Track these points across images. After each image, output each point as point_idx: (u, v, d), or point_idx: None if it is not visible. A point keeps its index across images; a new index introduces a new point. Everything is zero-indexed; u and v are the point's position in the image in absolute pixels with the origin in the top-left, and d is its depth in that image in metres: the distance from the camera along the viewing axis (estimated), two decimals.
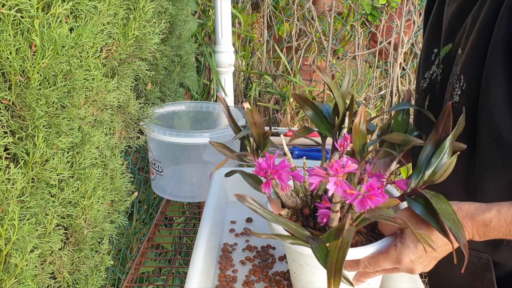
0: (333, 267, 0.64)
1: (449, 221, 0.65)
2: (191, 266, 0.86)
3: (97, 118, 0.99)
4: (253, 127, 0.82)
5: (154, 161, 1.40)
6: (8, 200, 0.72)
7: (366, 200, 0.65)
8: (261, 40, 2.58)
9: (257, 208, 0.73)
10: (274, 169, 0.72)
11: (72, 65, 0.81)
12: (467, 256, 0.64)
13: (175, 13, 1.50)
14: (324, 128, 0.86)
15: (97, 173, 0.94)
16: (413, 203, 0.70)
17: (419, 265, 0.71)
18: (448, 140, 0.71)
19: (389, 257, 0.71)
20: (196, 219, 1.54)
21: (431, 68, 0.94)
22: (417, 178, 0.72)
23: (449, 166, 0.71)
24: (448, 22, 0.90)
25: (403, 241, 0.71)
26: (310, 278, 0.80)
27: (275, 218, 0.74)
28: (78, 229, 0.94)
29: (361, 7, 2.46)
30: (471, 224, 0.69)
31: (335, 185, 0.65)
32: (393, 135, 0.80)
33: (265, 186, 0.72)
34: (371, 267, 0.73)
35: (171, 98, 1.60)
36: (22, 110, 0.75)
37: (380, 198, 0.65)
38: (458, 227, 0.65)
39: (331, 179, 0.66)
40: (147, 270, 1.70)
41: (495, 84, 0.76)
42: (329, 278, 0.64)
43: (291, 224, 0.73)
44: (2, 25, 0.68)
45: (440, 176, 0.71)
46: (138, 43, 1.07)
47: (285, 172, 0.72)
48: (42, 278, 0.85)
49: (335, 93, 0.82)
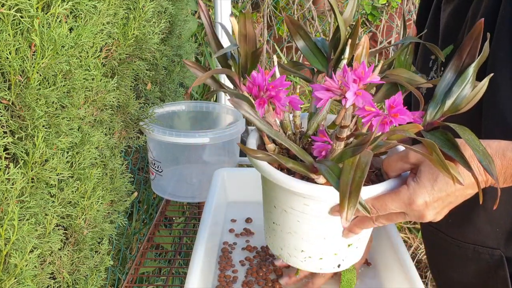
0: (348, 187, 0.54)
1: (479, 153, 0.55)
2: (191, 266, 0.86)
3: (97, 118, 0.98)
4: (242, 41, 0.67)
5: (154, 161, 1.40)
6: (7, 200, 0.72)
7: (389, 118, 0.53)
8: (261, 40, 2.58)
9: (255, 119, 0.60)
10: (271, 84, 0.59)
11: (71, 65, 0.81)
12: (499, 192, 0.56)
13: (175, 13, 1.50)
14: (317, 62, 0.74)
15: (97, 173, 0.94)
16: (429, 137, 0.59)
17: (432, 210, 0.62)
18: (472, 67, 0.61)
19: (400, 198, 0.62)
20: (196, 219, 1.54)
21: (429, 74, 0.93)
22: (435, 109, 0.62)
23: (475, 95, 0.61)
24: (445, 24, 0.90)
25: (418, 180, 0.62)
26: (294, 227, 0.69)
27: (276, 133, 0.61)
28: (78, 229, 0.94)
29: (361, 7, 2.46)
30: (500, 162, 0.61)
31: (355, 96, 0.52)
32: (396, 71, 0.70)
33: (259, 105, 0.59)
34: (375, 210, 0.64)
35: (171, 98, 1.60)
36: (21, 110, 0.75)
37: (406, 116, 0.53)
38: (489, 160, 0.56)
39: (352, 86, 0.52)
40: (147, 270, 1.70)
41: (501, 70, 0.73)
42: (343, 199, 0.54)
43: (293, 144, 0.61)
44: (2, 25, 0.68)
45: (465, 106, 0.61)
46: (138, 43, 1.07)
47: (283, 92, 0.59)
48: (41, 278, 0.85)
49: (338, 17, 0.68)
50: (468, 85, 0.62)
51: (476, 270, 0.89)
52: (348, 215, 0.54)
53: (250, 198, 1.14)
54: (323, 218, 0.65)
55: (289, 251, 0.72)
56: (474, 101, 0.63)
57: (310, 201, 0.65)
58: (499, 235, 0.84)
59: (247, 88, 0.61)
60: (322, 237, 0.68)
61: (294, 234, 0.70)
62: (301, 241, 0.70)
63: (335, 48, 0.71)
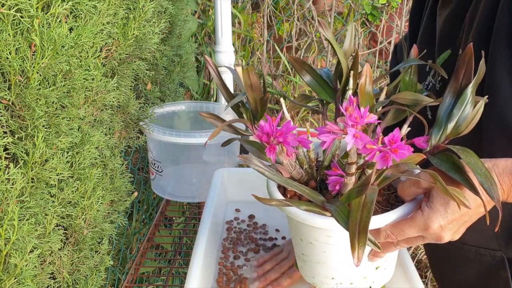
0: (357, 227, 0.57)
1: (481, 176, 0.57)
2: (191, 266, 0.86)
3: (97, 118, 0.98)
4: (249, 90, 0.72)
5: (154, 161, 1.40)
6: (7, 200, 0.72)
7: (390, 154, 0.56)
8: (261, 40, 2.58)
9: (265, 170, 0.64)
10: (278, 132, 0.63)
11: (71, 65, 0.81)
12: (501, 213, 0.58)
13: (175, 13, 1.50)
14: (325, 93, 0.77)
15: (97, 173, 0.94)
16: (437, 161, 0.62)
17: (449, 232, 0.64)
18: (470, 88, 0.63)
19: (416, 223, 0.64)
20: (196, 219, 1.54)
21: (427, 79, 0.93)
22: (439, 133, 0.64)
23: (474, 117, 0.62)
24: (441, 29, 0.89)
25: (431, 205, 0.63)
26: (321, 257, 0.72)
27: (286, 181, 0.65)
28: (78, 229, 0.94)
29: (361, 7, 2.46)
30: (508, 181, 0.62)
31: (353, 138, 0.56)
32: (402, 94, 0.72)
33: (270, 151, 0.63)
34: (393, 236, 0.65)
35: (171, 98, 1.60)
36: (21, 110, 0.75)
37: (406, 151, 0.56)
38: (491, 182, 0.57)
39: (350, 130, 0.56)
40: (147, 270, 1.70)
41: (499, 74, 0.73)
42: (353, 239, 0.57)
43: (304, 188, 0.65)
44: (2, 25, 0.68)
45: (465, 128, 0.63)
46: (138, 43, 1.07)
47: (291, 136, 0.63)
48: (41, 278, 0.85)
49: (338, 51, 0.72)
50: (468, 106, 0.63)
51: (478, 272, 0.89)
52: (360, 254, 0.56)
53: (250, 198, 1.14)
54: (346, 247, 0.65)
55: (321, 279, 0.75)
56: (473, 123, 0.64)
57: (332, 232, 0.67)
58: (500, 237, 0.84)
59: (257, 136, 0.66)
60: (349, 264, 0.71)
61: (322, 264, 0.73)
62: (330, 270, 0.73)
63: (340, 78, 0.74)
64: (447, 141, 0.64)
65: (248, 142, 0.72)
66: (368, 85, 0.68)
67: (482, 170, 0.59)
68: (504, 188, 0.63)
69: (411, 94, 0.72)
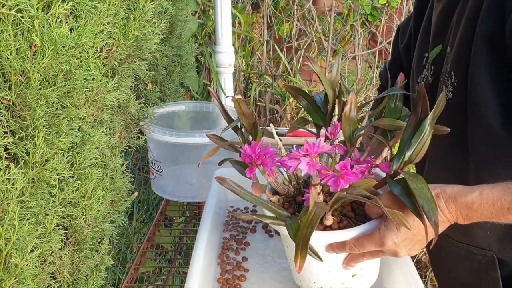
0: (301, 240, 0.66)
1: (423, 199, 0.65)
2: (191, 266, 0.86)
3: (97, 118, 0.99)
4: (242, 117, 0.82)
5: (154, 161, 1.40)
6: (8, 200, 0.72)
7: (339, 179, 0.67)
8: (261, 40, 2.58)
9: (236, 189, 0.75)
10: (258, 155, 0.73)
11: (72, 65, 0.81)
12: (436, 236, 0.64)
13: (175, 13, 1.50)
14: (317, 117, 0.87)
15: (97, 173, 0.95)
16: (393, 184, 0.70)
17: (403, 248, 0.71)
18: (428, 119, 0.69)
19: (373, 239, 0.71)
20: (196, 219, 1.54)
21: (423, 72, 0.95)
22: (399, 160, 0.71)
23: (423, 145, 0.70)
24: (435, 23, 0.91)
25: (387, 224, 0.71)
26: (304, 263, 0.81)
27: (254, 199, 0.74)
28: (78, 229, 0.94)
29: (361, 7, 2.46)
30: (454, 206, 0.68)
31: (307, 166, 0.68)
32: (382, 120, 0.80)
33: (249, 171, 0.73)
34: (356, 249, 0.73)
35: (171, 98, 1.60)
36: (22, 110, 0.75)
37: (352, 177, 0.67)
38: (431, 206, 0.64)
39: (303, 159, 0.68)
40: (147, 270, 1.70)
41: (480, 75, 0.77)
42: (297, 251, 0.66)
43: (270, 205, 0.75)
44: (2, 25, 0.68)
45: (416, 156, 0.71)
46: (138, 43, 1.07)
47: (270, 158, 0.73)
48: (42, 278, 0.85)
49: (324, 81, 0.83)
50: (426, 135, 0.70)
51: (469, 270, 0.90)
52: (301, 263, 0.66)
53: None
54: (326, 256, 0.76)
55: (305, 282, 0.83)
56: (422, 153, 0.71)
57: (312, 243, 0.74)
58: (490, 238, 0.85)
59: (241, 158, 0.75)
60: (327, 271, 0.79)
61: (305, 270, 0.78)
62: (312, 275, 0.81)
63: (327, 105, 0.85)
64: (404, 167, 0.72)
65: (236, 162, 0.82)
66: (353, 112, 0.76)
67: (426, 195, 0.65)
68: (452, 212, 0.69)
69: (391, 121, 0.80)
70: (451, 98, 0.84)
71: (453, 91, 0.83)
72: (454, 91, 0.83)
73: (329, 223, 0.75)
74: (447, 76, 0.84)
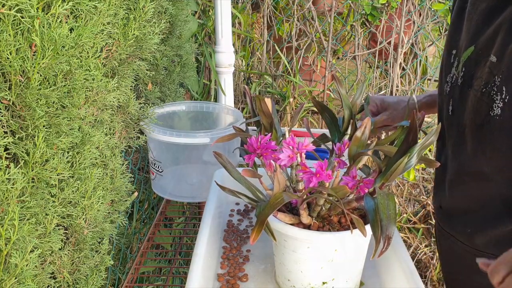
0: (260, 217, 0.73)
1: (384, 214, 0.70)
2: (192, 266, 0.86)
3: (97, 118, 0.99)
4: (262, 116, 0.88)
5: (154, 161, 1.40)
6: (8, 200, 0.72)
7: (313, 176, 0.74)
8: (261, 40, 2.58)
9: (227, 164, 0.82)
10: (260, 146, 0.79)
11: (72, 65, 0.81)
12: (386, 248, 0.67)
13: (175, 13, 1.50)
14: (335, 134, 0.94)
15: (97, 173, 0.95)
16: (368, 199, 0.74)
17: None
18: (417, 147, 0.73)
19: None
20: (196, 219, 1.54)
21: (451, 71, 0.91)
22: (381, 180, 0.76)
23: (396, 168, 0.74)
24: (475, 22, 0.85)
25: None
26: (281, 259, 0.84)
27: (240, 178, 0.81)
28: (78, 229, 0.94)
29: (361, 7, 2.46)
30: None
31: (288, 158, 0.75)
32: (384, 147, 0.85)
33: (248, 158, 0.80)
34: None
35: (171, 98, 1.60)
36: (22, 110, 0.75)
37: (325, 178, 0.74)
38: (390, 222, 0.69)
39: (285, 150, 0.75)
40: (147, 270, 1.70)
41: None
42: (255, 226, 0.72)
43: (252, 187, 0.82)
44: (2, 25, 0.68)
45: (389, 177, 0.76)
46: (138, 43, 1.07)
47: (269, 152, 0.79)
48: (42, 278, 0.85)
49: (345, 103, 0.92)
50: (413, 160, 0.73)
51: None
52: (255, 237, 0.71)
53: None
54: (298, 254, 0.80)
55: (281, 279, 0.87)
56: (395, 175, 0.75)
57: (286, 237, 0.80)
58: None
59: (247, 147, 0.80)
60: (299, 270, 0.82)
61: (281, 265, 0.85)
62: (287, 272, 0.84)
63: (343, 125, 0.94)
64: (384, 185, 0.76)
65: (244, 150, 0.87)
66: (364, 136, 0.81)
67: (389, 212, 0.71)
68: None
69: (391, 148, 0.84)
70: (499, 115, 0.78)
71: (502, 107, 0.77)
72: (503, 107, 0.77)
73: (305, 222, 0.79)
74: (496, 90, 0.78)
